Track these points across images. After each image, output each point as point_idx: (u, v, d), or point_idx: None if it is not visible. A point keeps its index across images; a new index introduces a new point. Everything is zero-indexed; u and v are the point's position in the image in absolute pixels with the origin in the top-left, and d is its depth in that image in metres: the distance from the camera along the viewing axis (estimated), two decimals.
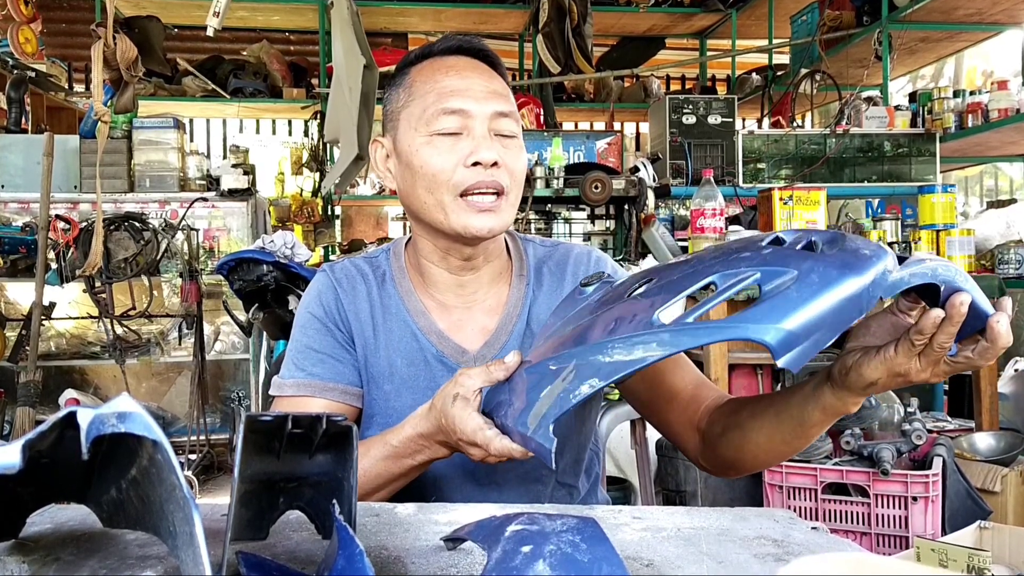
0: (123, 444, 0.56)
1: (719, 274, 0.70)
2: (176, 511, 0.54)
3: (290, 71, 5.57)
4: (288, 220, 5.56)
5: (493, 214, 1.06)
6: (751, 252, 0.72)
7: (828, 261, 0.67)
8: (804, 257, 0.68)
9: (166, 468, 0.52)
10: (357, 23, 3.55)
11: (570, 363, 0.74)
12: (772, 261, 0.68)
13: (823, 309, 0.63)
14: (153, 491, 0.60)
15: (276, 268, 3.09)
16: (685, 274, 0.74)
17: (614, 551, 0.54)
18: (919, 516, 2.21)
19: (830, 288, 0.64)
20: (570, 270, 1.18)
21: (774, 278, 0.67)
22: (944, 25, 4.29)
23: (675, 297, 0.71)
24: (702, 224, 2.85)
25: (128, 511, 0.70)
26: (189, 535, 0.50)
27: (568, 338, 0.81)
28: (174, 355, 4.34)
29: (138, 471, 0.61)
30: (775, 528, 0.83)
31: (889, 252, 0.70)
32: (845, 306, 0.64)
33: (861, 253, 0.68)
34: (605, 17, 5.54)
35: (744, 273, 0.68)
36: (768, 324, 0.63)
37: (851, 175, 3.84)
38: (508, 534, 0.56)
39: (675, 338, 0.67)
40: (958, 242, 2.97)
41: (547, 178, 3.61)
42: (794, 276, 0.66)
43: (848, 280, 0.65)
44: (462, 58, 1.11)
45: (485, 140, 1.05)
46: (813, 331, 0.63)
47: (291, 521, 0.88)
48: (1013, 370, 3.51)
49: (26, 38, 4.53)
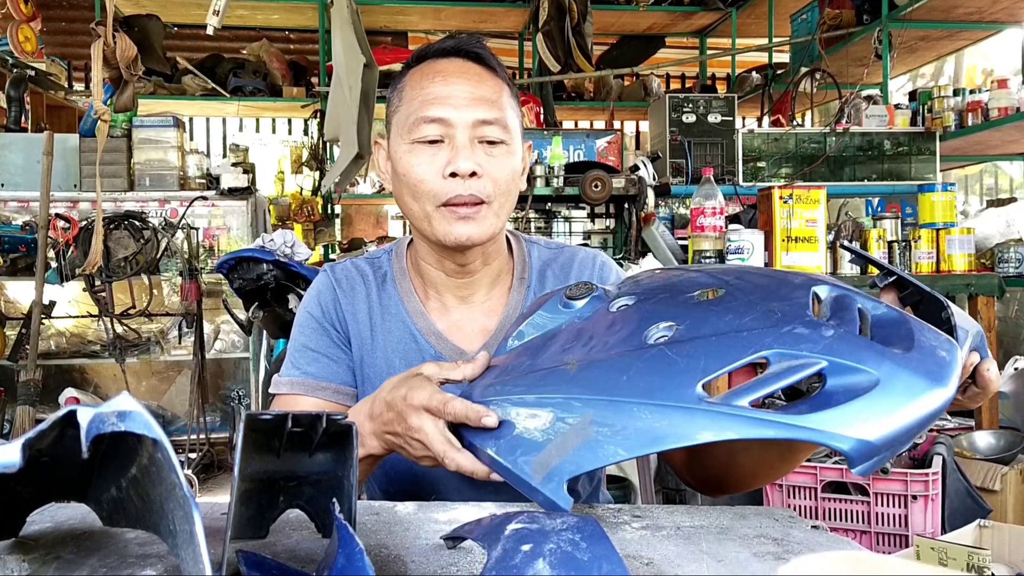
0: (123, 443, 0.56)
1: (774, 351, 0.62)
2: (176, 509, 0.54)
3: (290, 70, 5.56)
4: (288, 219, 5.55)
5: (474, 222, 1.05)
6: (804, 325, 0.64)
7: (912, 366, 0.61)
8: (881, 355, 0.61)
9: (166, 467, 0.52)
10: (357, 21, 3.55)
11: (584, 412, 0.65)
12: (839, 350, 0.61)
13: (909, 423, 0.58)
14: (153, 490, 0.60)
15: (276, 267, 3.09)
16: (724, 332, 0.66)
17: (614, 549, 0.54)
18: (919, 515, 2.21)
19: (917, 400, 0.59)
20: (574, 274, 1.17)
21: (845, 374, 0.60)
22: (944, 24, 4.29)
23: (722, 368, 0.63)
24: (702, 223, 2.85)
25: (128, 510, 0.70)
26: (189, 533, 0.50)
27: (561, 364, 0.72)
28: (174, 354, 4.34)
29: (138, 470, 0.61)
30: (775, 527, 0.83)
31: (956, 347, 0.65)
32: (928, 419, 0.59)
33: (939, 356, 0.63)
34: (605, 15, 5.53)
35: (806, 358, 0.61)
36: (847, 432, 0.57)
37: (851, 174, 3.84)
38: (508, 533, 0.56)
39: (728, 423, 0.59)
40: (958, 241, 2.97)
41: (547, 177, 3.61)
42: (875, 380, 0.59)
43: (935, 392, 0.60)
44: (455, 61, 1.09)
45: (464, 150, 1.04)
46: (894, 443, 0.58)
47: (291, 520, 0.88)
48: (1013, 369, 3.51)
49: (26, 36, 4.53)
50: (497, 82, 1.09)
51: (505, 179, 1.07)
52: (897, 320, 0.67)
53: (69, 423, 0.49)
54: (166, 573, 0.71)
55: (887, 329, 0.66)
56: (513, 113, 1.10)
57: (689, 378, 0.62)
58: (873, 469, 0.58)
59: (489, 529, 0.59)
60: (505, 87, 1.10)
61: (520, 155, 1.12)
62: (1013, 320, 4.58)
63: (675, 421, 0.60)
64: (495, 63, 1.11)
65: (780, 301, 0.68)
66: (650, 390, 0.63)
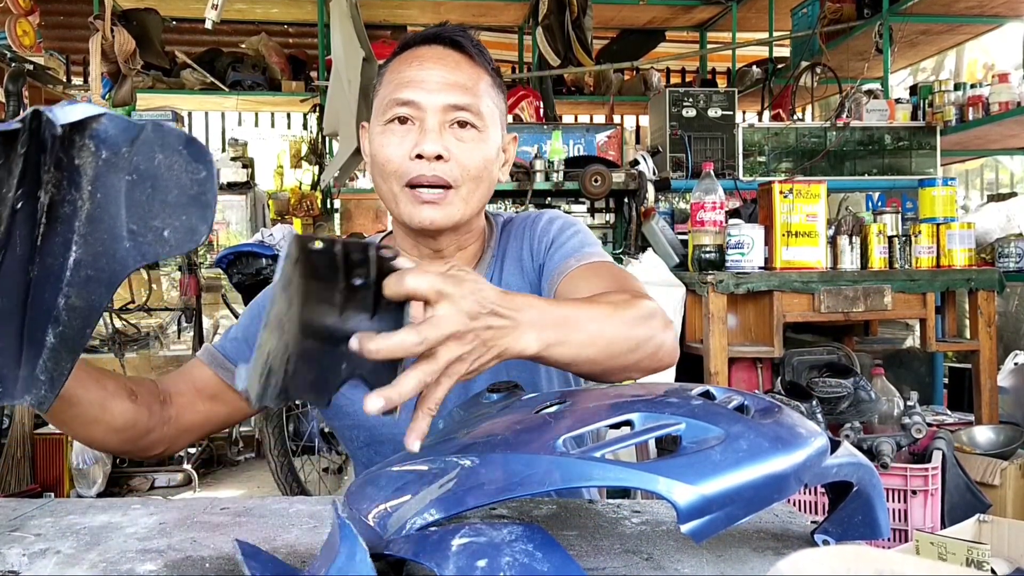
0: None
1: (640, 414, 0.64)
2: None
3: (289, 64, 5.55)
4: (287, 213, 5.55)
5: (438, 207, 1.06)
6: (680, 399, 0.67)
7: (761, 430, 0.62)
8: (735, 420, 0.63)
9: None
10: (356, 16, 3.54)
11: (452, 469, 0.64)
12: (700, 415, 0.63)
13: (745, 481, 0.57)
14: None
15: (275, 261, 3.09)
16: (603, 405, 0.68)
17: (568, 556, 0.54)
18: (918, 509, 2.22)
19: (757, 460, 0.59)
20: (527, 232, 1.18)
21: (699, 433, 0.61)
22: (945, 18, 4.28)
23: (586, 426, 0.65)
24: (702, 217, 2.85)
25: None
26: None
27: (456, 441, 0.72)
28: (173, 348, 4.34)
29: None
30: (774, 522, 0.83)
31: (825, 437, 0.66)
32: (769, 484, 0.59)
33: (797, 431, 0.64)
34: (605, 10, 5.52)
35: (667, 419, 0.63)
36: (682, 482, 0.56)
37: (851, 168, 3.83)
38: (456, 549, 0.54)
39: (574, 469, 0.59)
40: (958, 235, 2.97)
41: (546, 171, 3.60)
42: (721, 437, 0.60)
43: (778, 456, 0.60)
44: (435, 47, 1.10)
45: (432, 133, 1.05)
46: (728, 503, 0.56)
47: (291, 515, 0.88)
48: (1013, 364, 3.51)
49: (24, 31, 4.51)
50: (475, 69, 1.09)
51: (475, 165, 1.07)
52: (772, 406, 0.68)
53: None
54: (165, 568, 0.71)
55: (762, 413, 0.67)
56: (491, 101, 1.10)
57: (554, 435, 0.63)
58: (705, 532, 0.55)
59: (429, 546, 0.56)
60: (485, 75, 1.10)
61: (496, 144, 1.11)
62: (1013, 315, 4.58)
63: (528, 465, 0.61)
64: (475, 51, 1.11)
65: (674, 393, 0.70)
66: (517, 444, 0.64)
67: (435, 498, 0.61)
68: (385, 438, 1.11)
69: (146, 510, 0.89)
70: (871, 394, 2.69)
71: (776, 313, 2.76)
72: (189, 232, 0.69)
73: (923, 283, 2.87)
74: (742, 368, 2.93)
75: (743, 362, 2.92)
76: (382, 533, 0.62)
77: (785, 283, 2.77)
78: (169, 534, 0.81)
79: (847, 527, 0.74)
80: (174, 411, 1.07)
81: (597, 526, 0.82)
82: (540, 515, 0.86)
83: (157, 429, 1.04)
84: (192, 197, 0.69)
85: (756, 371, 2.95)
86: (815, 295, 2.78)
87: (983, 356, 2.90)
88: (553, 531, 0.78)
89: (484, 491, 0.60)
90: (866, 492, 0.72)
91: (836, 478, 0.68)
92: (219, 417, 1.12)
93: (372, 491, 0.68)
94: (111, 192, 0.68)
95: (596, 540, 0.77)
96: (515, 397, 0.82)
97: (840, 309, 2.79)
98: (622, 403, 0.67)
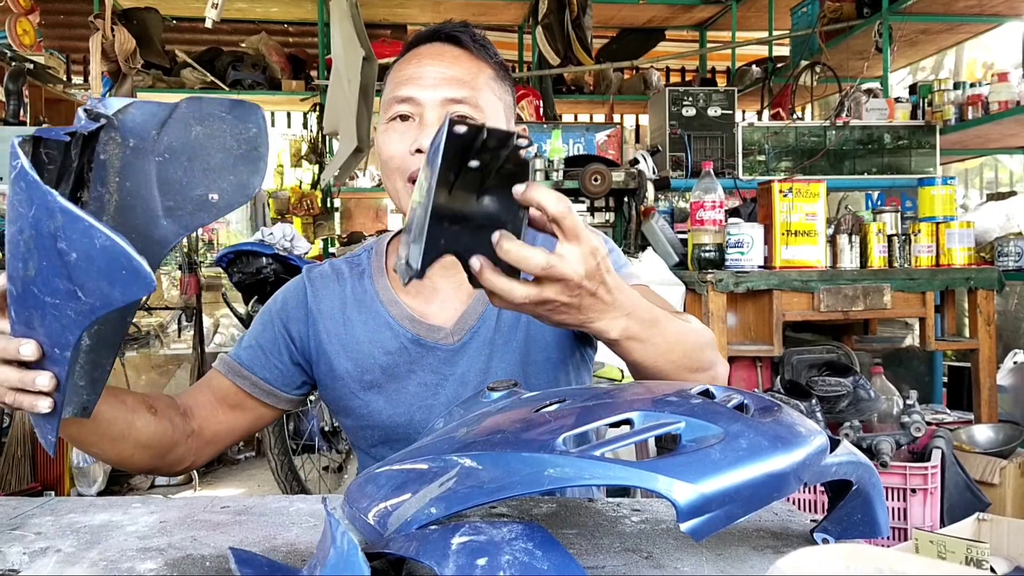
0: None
1: (640, 412, 0.64)
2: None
3: (289, 63, 5.55)
4: (287, 212, 5.55)
5: None
6: (679, 399, 0.67)
7: (760, 429, 0.62)
8: (735, 418, 0.63)
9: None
10: (356, 15, 3.54)
11: (452, 468, 0.65)
12: (700, 413, 0.63)
13: (744, 479, 0.57)
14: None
15: (275, 260, 3.10)
16: (603, 404, 0.69)
17: (569, 554, 0.54)
18: (918, 508, 2.22)
19: (757, 459, 0.59)
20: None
21: (698, 432, 0.62)
22: (944, 17, 4.28)
23: (586, 425, 0.65)
24: (702, 216, 2.85)
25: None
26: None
27: (456, 439, 0.72)
28: (173, 347, 4.34)
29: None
30: (774, 520, 0.84)
31: (824, 436, 0.67)
32: (768, 482, 0.59)
33: (796, 430, 0.64)
34: (605, 9, 5.52)
35: (667, 418, 0.63)
36: (682, 481, 0.56)
37: (851, 167, 3.83)
38: (456, 547, 0.54)
39: (574, 468, 0.59)
40: (957, 234, 2.97)
41: (546, 170, 3.60)
42: (721, 436, 0.60)
43: (778, 455, 0.60)
44: (434, 44, 1.11)
45: (431, 127, 1.06)
46: (728, 501, 0.57)
47: (291, 513, 0.88)
48: (1012, 362, 3.52)
49: (24, 30, 4.51)
50: (475, 63, 1.10)
51: None
52: (772, 405, 0.69)
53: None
54: (165, 566, 0.71)
55: (762, 412, 0.67)
56: (492, 94, 1.10)
57: (553, 434, 0.63)
58: (704, 531, 0.55)
59: (429, 544, 0.56)
60: (487, 68, 1.11)
61: None
62: (1012, 314, 4.58)
63: (526, 463, 0.61)
64: (476, 45, 1.12)
65: (673, 392, 0.70)
66: (517, 443, 0.65)
67: (435, 496, 0.61)
68: (399, 436, 1.11)
69: (146, 508, 0.89)
70: (870, 393, 2.69)
71: (775, 312, 2.77)
72: (240, 188, 0.72)
73: (922, 282, 2.87)
74: (742, 367, 2.93)
75: (743, 361, 2.92)
76: (382, 531, 0.62)
77: (784, 282, 2.77)
78: (169, 533, 0.81)
79: (847, 525, 0.75)
80: (196, 424, 1.08)
81: (597, 524, 0.82)
82: (540, 514, 0.86)
83: (182, 443, 1.06)
84: (240, 156, 0.71)
85: (756, 370, 2.95)
86: (814, 294, 2.78)
87: (982, 355, 2.90)
88: (553, 530, 0.79)
89: (484, 490, 0.60)
90: (865, 491, 0.72)
91: (835, 477, 0.68)
92: (242, 426, 1.14)
93: (372, 490, 0.68)
94: (140, 177, 0.70)
95: (596, 538, 0.78)
96: (515, 396, 0.83)
97: (839, 308, 2.79)
98: (622, 402, 0.68)
